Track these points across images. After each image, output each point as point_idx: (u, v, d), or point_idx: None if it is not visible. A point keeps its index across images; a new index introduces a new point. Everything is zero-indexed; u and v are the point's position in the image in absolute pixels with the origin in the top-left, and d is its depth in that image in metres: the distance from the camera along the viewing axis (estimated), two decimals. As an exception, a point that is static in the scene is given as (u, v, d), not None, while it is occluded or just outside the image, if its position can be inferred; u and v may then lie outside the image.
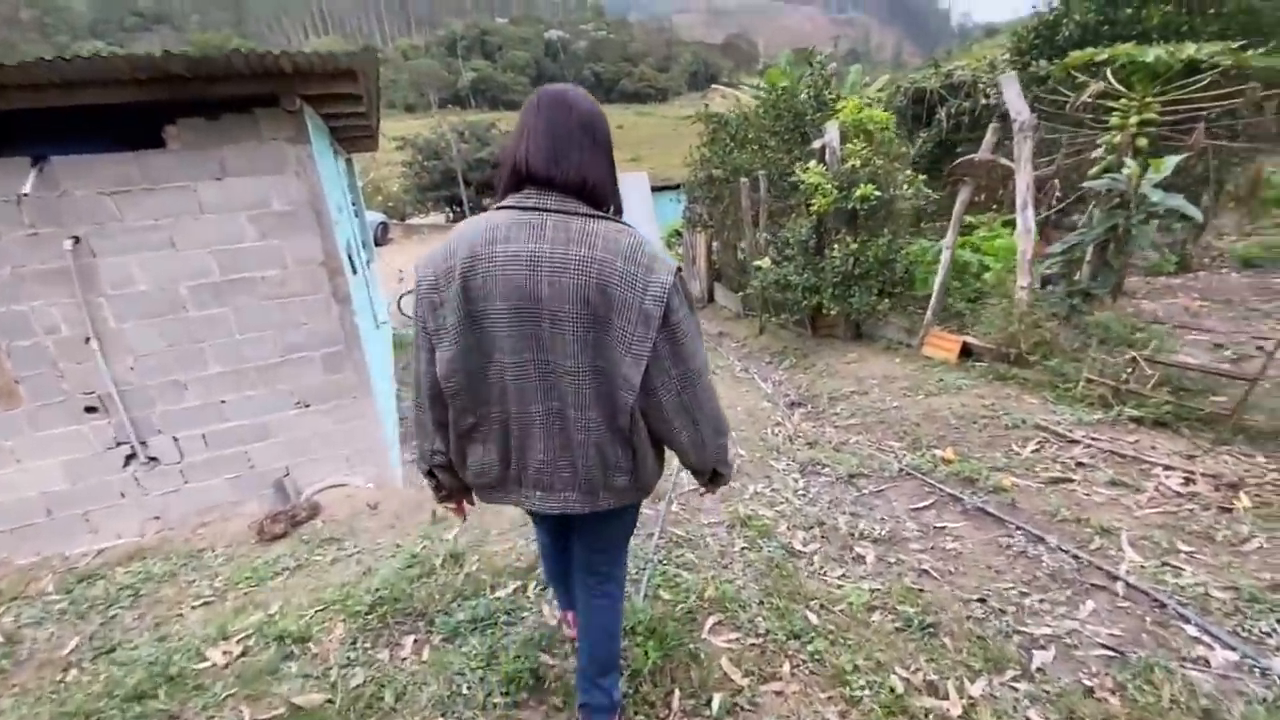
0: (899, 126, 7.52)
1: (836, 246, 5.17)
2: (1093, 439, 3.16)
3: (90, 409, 3.60)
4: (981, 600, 2.15)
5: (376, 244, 16.72)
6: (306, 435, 4.28)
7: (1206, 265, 7.54)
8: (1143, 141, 4.40)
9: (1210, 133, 4.38)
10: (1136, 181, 3.84)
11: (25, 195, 3.15)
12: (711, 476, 1.45)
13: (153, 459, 3.87)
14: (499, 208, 1.28)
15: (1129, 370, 3.43)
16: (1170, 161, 3.80)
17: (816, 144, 5.62)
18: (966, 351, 4.59)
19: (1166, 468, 2.82)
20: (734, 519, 2.77)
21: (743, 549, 2.53)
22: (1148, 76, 4.36)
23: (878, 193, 4.90)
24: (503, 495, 1.42)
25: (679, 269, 1.26)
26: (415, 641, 2.09)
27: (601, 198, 1.30)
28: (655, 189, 17.50)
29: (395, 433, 5.60)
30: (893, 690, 1.75)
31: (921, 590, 2.24)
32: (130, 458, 3.74)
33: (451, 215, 21.70)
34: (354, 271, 5.10)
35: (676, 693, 1.80)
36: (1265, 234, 7.95)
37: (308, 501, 3.38)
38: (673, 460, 1.46)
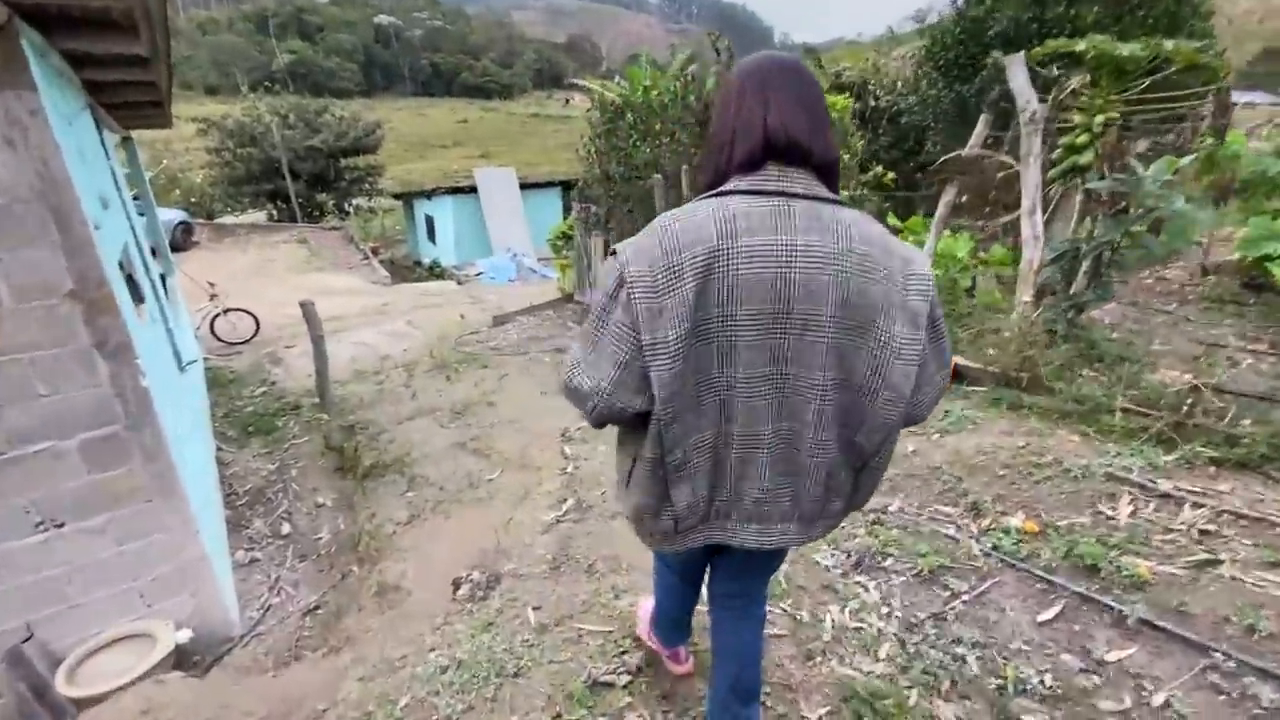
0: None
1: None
2: (1190, 493, 2.62)
3: None
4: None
5: (175, 249, 13.50)
6: (60, 572, 2.67)
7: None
8: (1110, 138, 4.12)
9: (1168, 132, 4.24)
10: (1144, 183, 3.45)
11: None
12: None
13: None
14: (727, 192, 1.05)
15: (1188, 400, 2.98)
16: (1178, 163, 3.48)
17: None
18: (956, 374, 4.03)
19: (1307, 532, 2.32)
20: (845, 693, 1.78)
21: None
22: (1112, 74, 4.07)
23: (845, 192, 4.20)
24: (701, 533, 1.22)
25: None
26: None
27: (836, 182, 1.12)
28: (524, 186, 16.13)
29: (221, 527, 3.91)
30: None
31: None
32: None
33: (275, 213, 18.35)
34: (139, 299, 3.39)
35: None
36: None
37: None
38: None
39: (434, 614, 2.34)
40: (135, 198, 7.53)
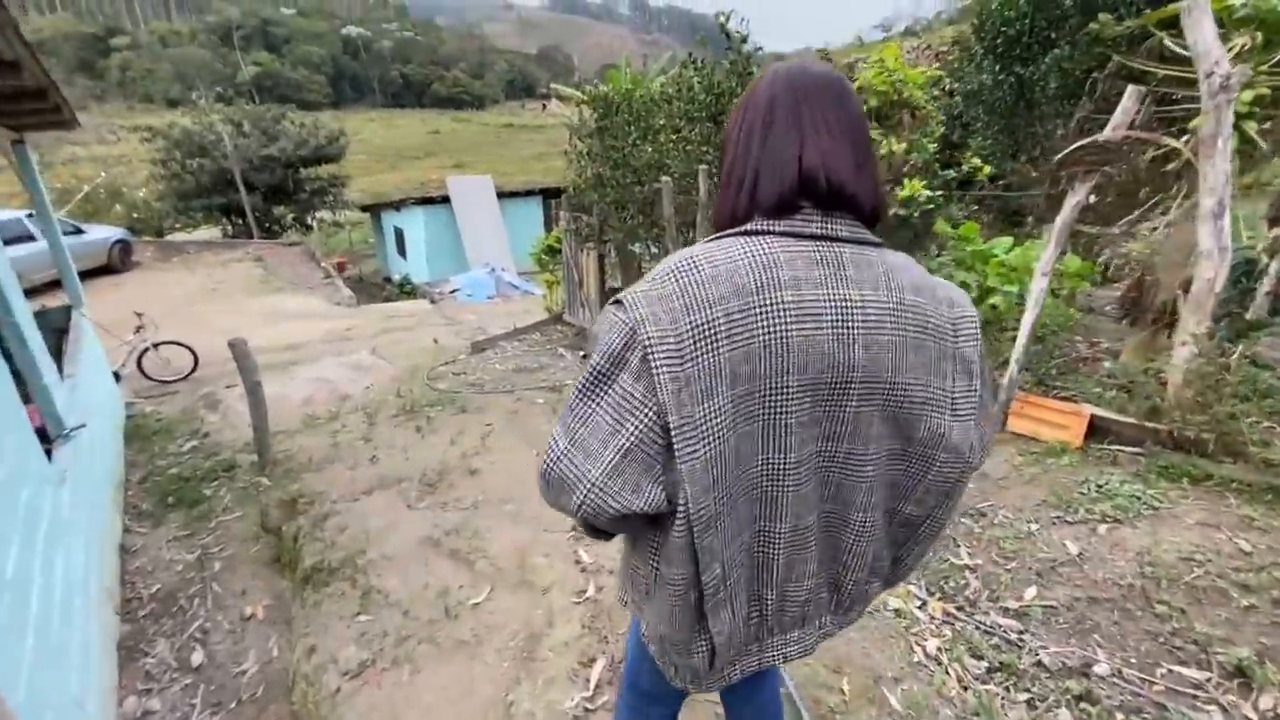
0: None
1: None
2: None
3: None
4: None
5: (115, 270, 12.19)
6: None
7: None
8: (1252, 125, 3.24)
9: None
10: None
11: None
12: None
13: None
14: (758, 232, 0.85)
15: None
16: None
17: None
18: (1091, 429, 3.07)
19: None
20: None
21: None
22: (1266, 39, 3.19)
23: (929, 192, 3.25)
24: (738, 665, 1.01)
25: None
26: None
27: (880, 219, 0.91)
28: (502, 195, 15.03)
29: (106, 671, 2.75)
30: None
31: None
32: None
33: (230, 229, 16.87)
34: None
35: None
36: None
37: None
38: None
39: None
40: (29, 215, 6.31)
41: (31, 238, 9.79)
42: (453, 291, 13.36)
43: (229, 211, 16.61)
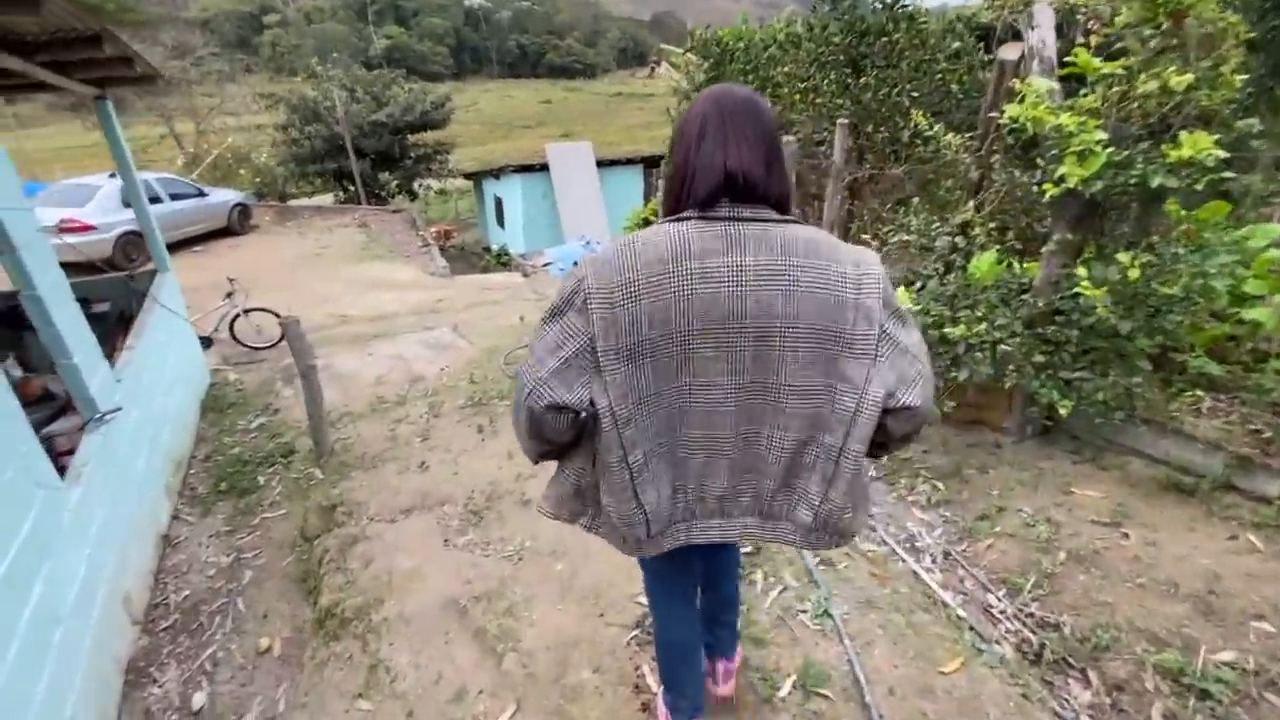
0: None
1: (1085, 269, 2.33)
2: None
3: None
4: None
5: (235, 233, 12.75)
6: None
7: None
8: None
9: None
10: None
11: None
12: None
13: None
14: (684, 218, 1.15)
15: None
16: None
17: (1008, 52, 2.76)
18: None
19: None
20: None
21: None
22: None
23: (1215, 154, 2.08)
24: (669, 536, 1.30)
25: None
26: None
27: (789, 209, 1.22)
28: (601, 164, 14.31)
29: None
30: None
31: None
32: None
33: (342, 194, 17.37)
34: None
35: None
36: None
37: None
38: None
39: None
40: (110, 176, 6.24)
41: (156, 199, 10.26)
42: (545, 264, 12.90)
43: (341, 177, 17.11)
